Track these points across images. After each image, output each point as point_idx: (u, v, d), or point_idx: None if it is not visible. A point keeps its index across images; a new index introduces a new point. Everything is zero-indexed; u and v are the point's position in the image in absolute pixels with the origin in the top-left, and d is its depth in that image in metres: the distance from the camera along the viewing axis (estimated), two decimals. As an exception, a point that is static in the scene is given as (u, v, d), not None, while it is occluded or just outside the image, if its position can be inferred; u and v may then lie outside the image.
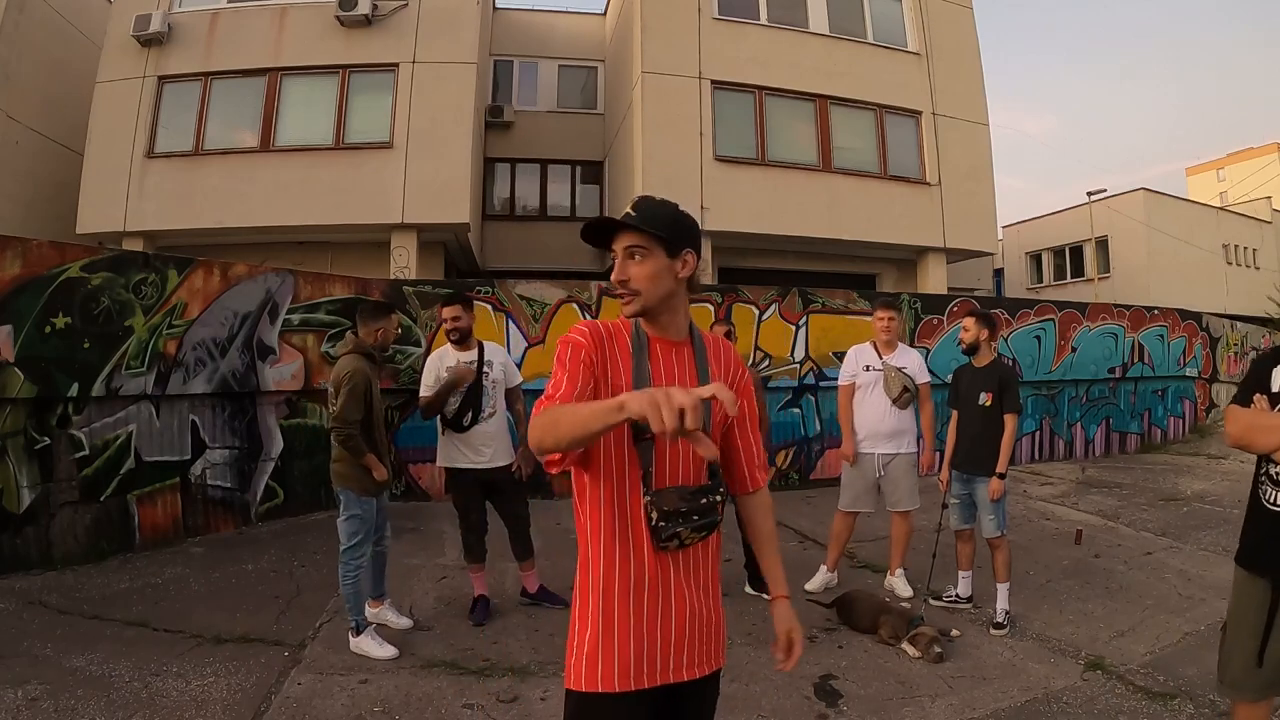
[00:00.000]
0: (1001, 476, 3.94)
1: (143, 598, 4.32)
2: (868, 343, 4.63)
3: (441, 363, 4.02)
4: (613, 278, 1.46)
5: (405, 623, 3.88)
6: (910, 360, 4.53)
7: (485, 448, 3.99)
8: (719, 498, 1.46)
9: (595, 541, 1.43)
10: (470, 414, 3.95)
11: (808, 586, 4.47)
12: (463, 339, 4.04)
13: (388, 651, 3.51)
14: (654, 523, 1.39)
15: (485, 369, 4.03)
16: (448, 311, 4.01)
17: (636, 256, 1.43)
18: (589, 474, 1.44)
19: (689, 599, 1.46)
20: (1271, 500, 2.03)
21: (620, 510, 1.42)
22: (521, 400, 4.31)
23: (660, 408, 1.06)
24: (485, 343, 4.16)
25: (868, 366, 4.51)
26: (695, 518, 1.41)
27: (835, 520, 4.61)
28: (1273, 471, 2.04)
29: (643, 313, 1.47)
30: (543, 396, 1.39)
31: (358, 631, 3.58)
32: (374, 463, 3.59)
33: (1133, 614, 4.15)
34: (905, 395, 4.42)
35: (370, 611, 3.78)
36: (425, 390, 4.03)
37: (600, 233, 1.49)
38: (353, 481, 3.59)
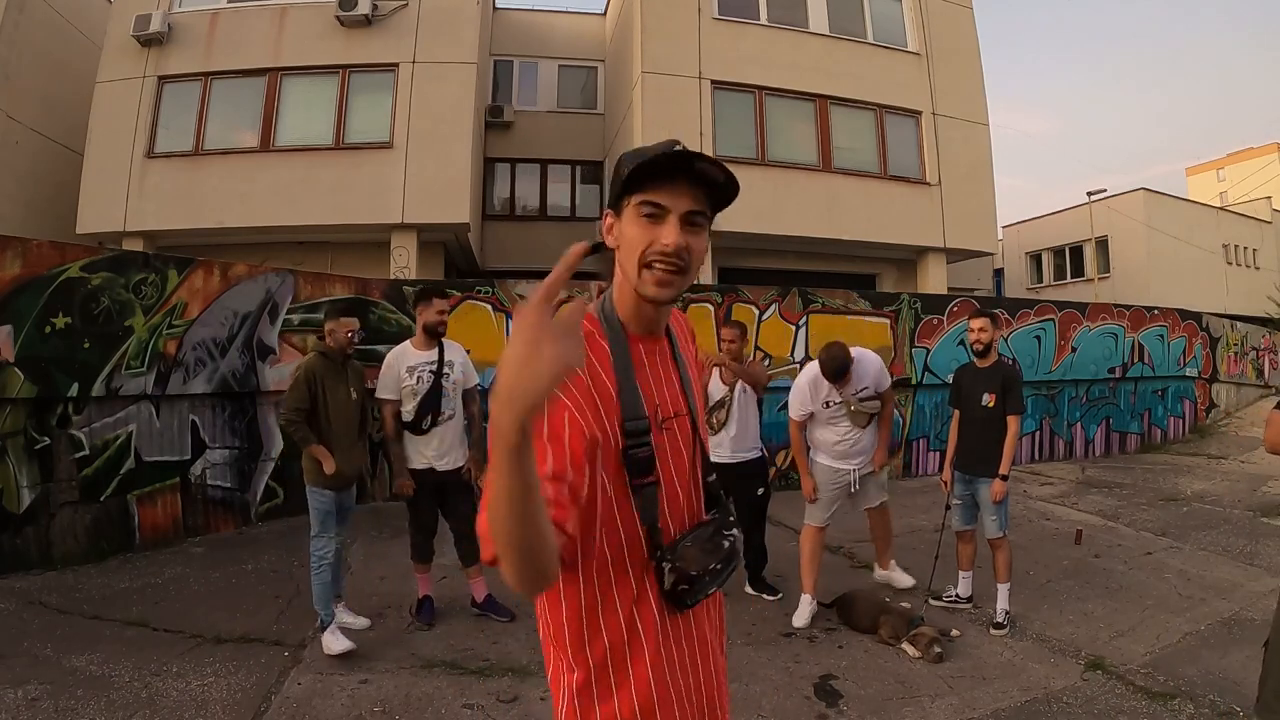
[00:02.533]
0: (1004, 478, 3.93)
1: (143, 598, 4.32)
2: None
3: (401, 361, 3.88)
4: (666, 240, 1.08)
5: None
6: (869, 373, 4.25)
7: (442, 450, 3.89)
8: (737, 531, 1.20)
9: (593, 621, 1.09)
10: (429, 417, 3.85)
11: (796, 624, 4.04)
12: (441, 335, 3.97)
13: (343, 645, 3.51)
14: (671, 587, 1.10)
15: (446, 370, 3.92)
16: (441, 304, 3.98)
17: (696, 225, 1.11)
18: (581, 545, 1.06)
19: (711, 650, 1.22)
20: None
21: (625, 573, 1.10)
22: (477, 401, 4.14)
23: (527, 364, 0.76)
24: (446, 342, 4.02)
25: (828, 403, 4.26)
26: (721, 568, 1.14)
27: (805, 539, 4.30)
28: None
29: (677, 299, 1.15)
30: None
31: (321, 627, 3.59)
32: (322, 454, 3.65)
33: (1133, 614, 4.15)
34: (873, 418, 4.33)
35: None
36: (384, 393, 3.87)
37: (660, 176, 1.07)
38: (307, 474, 3.74)
